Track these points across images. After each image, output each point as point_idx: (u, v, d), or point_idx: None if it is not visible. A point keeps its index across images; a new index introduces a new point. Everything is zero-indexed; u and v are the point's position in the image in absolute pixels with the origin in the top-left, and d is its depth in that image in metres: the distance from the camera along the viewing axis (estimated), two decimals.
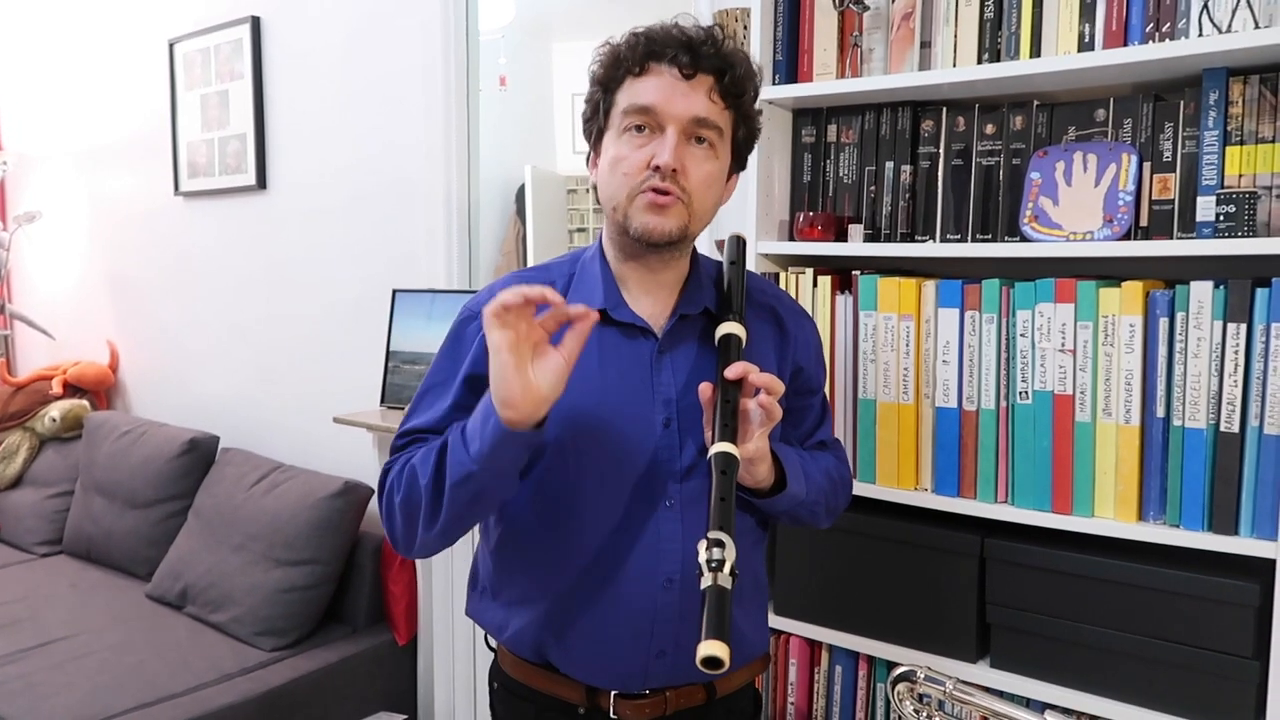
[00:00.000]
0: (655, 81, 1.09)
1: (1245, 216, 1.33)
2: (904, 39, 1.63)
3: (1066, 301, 1.45)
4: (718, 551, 0.92)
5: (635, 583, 1.13)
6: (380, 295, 2.61)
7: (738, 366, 1.05)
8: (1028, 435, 1.50)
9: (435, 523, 1.09)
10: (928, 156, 1.65)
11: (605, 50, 1.14)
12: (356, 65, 2.74)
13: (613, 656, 1.16)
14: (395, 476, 1.13)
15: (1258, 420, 1.33)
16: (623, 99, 1.11)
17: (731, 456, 1.02)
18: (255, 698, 2.21)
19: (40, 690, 2.17)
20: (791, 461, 1.16)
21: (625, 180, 1.10)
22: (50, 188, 3.85)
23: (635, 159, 1.09)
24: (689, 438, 1.14)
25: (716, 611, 0.89)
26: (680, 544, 1.13)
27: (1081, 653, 1.48)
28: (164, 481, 2.94)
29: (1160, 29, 1.41)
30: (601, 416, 1.12)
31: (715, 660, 0.86)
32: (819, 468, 1.25)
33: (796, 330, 1.28)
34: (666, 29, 1.11)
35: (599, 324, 1.14)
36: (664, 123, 1.09)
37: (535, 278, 1.20)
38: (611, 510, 1.14)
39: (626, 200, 1.10)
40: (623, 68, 1.11)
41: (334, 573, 2.50)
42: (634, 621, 1.14)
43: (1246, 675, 1.35)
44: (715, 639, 0.87)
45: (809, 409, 1.31)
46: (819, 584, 1.72)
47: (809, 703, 1.76)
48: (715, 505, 0.98)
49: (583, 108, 1.18)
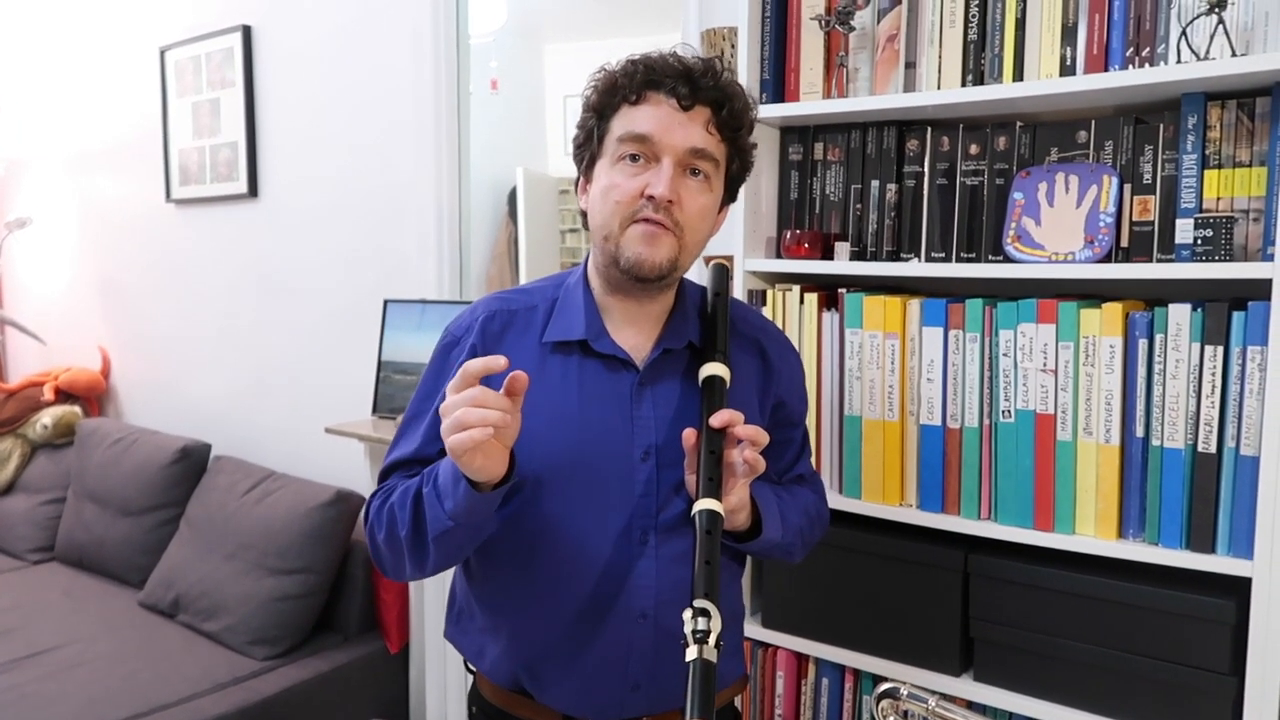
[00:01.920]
0: (653, 111, 1.08)
1: (1222, 240, 1.35)
2: (889, 60, 1.65)
3: (1048, 322, 1.47)
4: (703, 622, 0.91)
5: (609, 618, 1.13)
6: (372, 304, 2.63)
7: (722, 415, 1.05)
8: (1010, 453, 1.52)
9: (424, 567, 1.10)
10: (913, 175, 1.67)
11: (601, 77, 1.12)
12: (348, 73, 2.75)
13: (588, 690, 1.16)
14: (376, 514, 1.14)
15: (1234, 441, 1.35)
16: (618, 126, 1.10)
17: (716, 515, 1.01)
18: (249, 707, 2.22)
19: (33, 701, 2.19)
20: (770, 508, 1.16)
21: (617, 209, 1.08)
22: (42, 193, 3.85)
23: (629, 187, 1.08)
24: (666, 472, 1.13)
25: (703, 689, 0.88)
26: (654, 580, 1.14)
27: (1062, 667, 1.50)
28: (156, 489, 2.95)
29: (1140, 53, 1.43)
30: (579, 450, 1.12)
31: None
32: (797, 507, 1.26)
33: (780, 364, 1.27)
34: (665, 58, 1.10)
35: (580, 354, 1.15)
36: (660, 153, 1.08)
37: (517, 300, 1.20)
38: (586, 545, 1.13)
39: (619, 229, 1.09)
40: (619, 95, 1.09)
41: (326, 582, 2.51)
42: (608, 656, 1.15)
43: (1223, 691, 1.38)
44: (702, 718, 0.86)
45: (790, 443, 1.31)
46: (806, 597, 1.74)
47: (795, 714, 1.78)
48: (700, 570, 0.96)
49: (574, 132, 1.16)
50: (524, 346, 1.16)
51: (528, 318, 1.18)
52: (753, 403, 1.22)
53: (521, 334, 1.16)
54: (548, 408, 1.12)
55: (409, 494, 1.09)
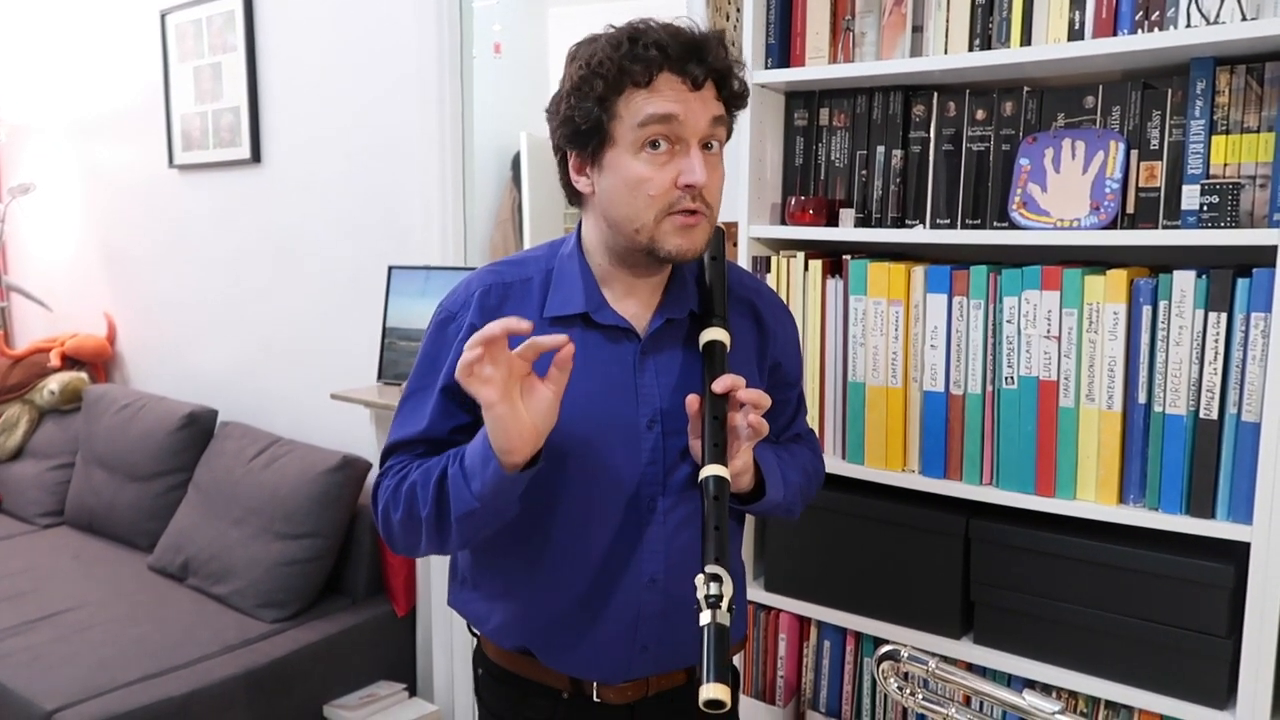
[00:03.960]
0: (671, 95, 1.04)
1: (1229, 207, 1.35)
2: (896, 24, 1.63)
3: (1052, 289, 1.48)
4: (715, 586, 0.92)
5: (619, 583, 1.15)
6: (376, 270, 2.63)
7: (725, 380, 1.05)
8: (1013, 419, 1.53)
9: (445, 545, 1.11)
10: (918, 141, 1.66)
11: (602, 59, 1.05)
12: (350, 37, 2.72)
13: (596, 653, 1.18)
14: (391, 496, 1.13)
15: (1236, 408, 1.35)
16: (633, 113, 1.05)
17: (724, 480, 1.02)
18: (257, 669, 2.26)
19: (46, 661, 2.22)
20: (772, 470, 1.18)
21: (652, 202, 1.06)
22: (44, 160, 3.83)
23: (661, 180, 1.05)
24: (672, 439, 1.14)
25: (717, 651, 0.89)
26: (664, 545, 1.15)
27: (1061, 630, 1.52)
28: (164, 455, 2.97)
29: (1149, 18, 1.42)
30: (586, 420, 1.12)
31: (718, 703, 0.87)
32: (796, 466, 1.27)
33: (775, 326, 1.27)
34: (668, 34, 1.05)
35: (581, 326, 1.14)
36: (683, 135, 1.05)
37: (510, 272, 1.18)
38: (596, 512, 1.15)
39: (654, 222, 1.07)
40: (627, 78, 1.04)
41: (334, 546, 2.54)
42: (618, 620, 1.16)
43: (1220, 654, 1.40)
44: (718, 681, 0.87)
45: (786, 403, 1.32)
46: (809, 561, 1.75)
47: (798, 676, 1.81)
48: (710, 535, 0.97)
49: (560, 111, 1.08)
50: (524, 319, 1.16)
51: (524, 289, 1.17)
52: (752, 366, 1.23)
53: (519, 306, 1.16)
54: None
55: (432, 474, 1.09)
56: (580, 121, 1.06)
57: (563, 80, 1.10)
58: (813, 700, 1.79)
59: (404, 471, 1.14)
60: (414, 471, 1.13)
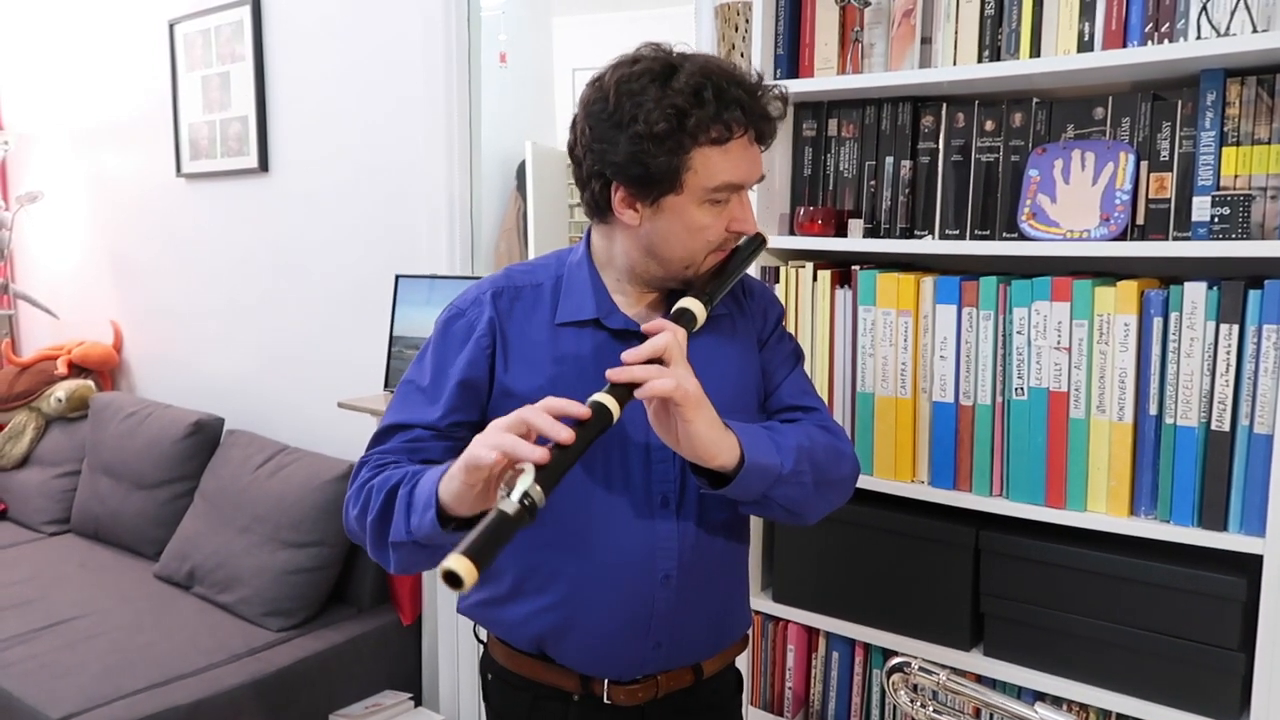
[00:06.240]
0: (740, 158, 1.09)
1: (1239, 218, 1.35)
2: (905, 35, 1.63)
3: (1063, 300, 1.47)
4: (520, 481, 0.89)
5: (634, 580, 1.16)
6: (383, 279, 2.63)
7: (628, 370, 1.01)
8: (1023, 430, 1.52)
9: (386, 562, 1.10)
10: (927, 152, 1.66)
11: (680, 106, 1.04)
12: (357, 46, 2.73)
13: (611, 650, 1.19)
14: (360, 488, 1.12)
15: (1248, 419, 1.35)
16: (710, 174, 1.07)
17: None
18: (263, 677, 2.25)
19: (52, 670, 2.22)
20: (751, 431, 1.10)
21: (708, 245, 1.13)
22: (52, 168, 3.85)
23: (719, 227, 1.12)
24: None
25: (485, 530, 0.86)
26: (677, 541, 1.16)
27: (1072, 643, 1.51)
28: (170, 463, 2.98)
29: (1159, 29, 1.42)
30: None
31: (453, 574, 0.82)
32: (791, 431, 1.16)
33: (747, 301, 1.27)
34: (743, 89, 1.07)
35: (592, 330, 1.16)
36: (742, 188, 1.13)
37: (521, 277, 1.20)
38: (610, 510, 1.16)
39: (702, 260, 1.14)
40: (705, 136, 1.06)
41: (339, 554, 2.54)
42: (633, 617, 1.17)
43: (1233, 667, 1.39)
44: (467, 555, 0.83)
45: (777, 355, 1.28)
46: (817, 572, 1.75)
47: (806, 688, 1.80)
48: None
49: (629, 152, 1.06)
50: (535, 323, 1.18)
51: (535, 294, 1.19)
52: (746, 366, 1.24)
53: (530, 310, 1.18)
54: (563, 381, 1.13)
55: (388, 483, 1.08)
56: (653, 169, 1.06)
57: (618, 107, 1.06)
58: (821, 712, 1.79)
59: (381, 464, 1.13)
60: (387, 471, 1.11)
